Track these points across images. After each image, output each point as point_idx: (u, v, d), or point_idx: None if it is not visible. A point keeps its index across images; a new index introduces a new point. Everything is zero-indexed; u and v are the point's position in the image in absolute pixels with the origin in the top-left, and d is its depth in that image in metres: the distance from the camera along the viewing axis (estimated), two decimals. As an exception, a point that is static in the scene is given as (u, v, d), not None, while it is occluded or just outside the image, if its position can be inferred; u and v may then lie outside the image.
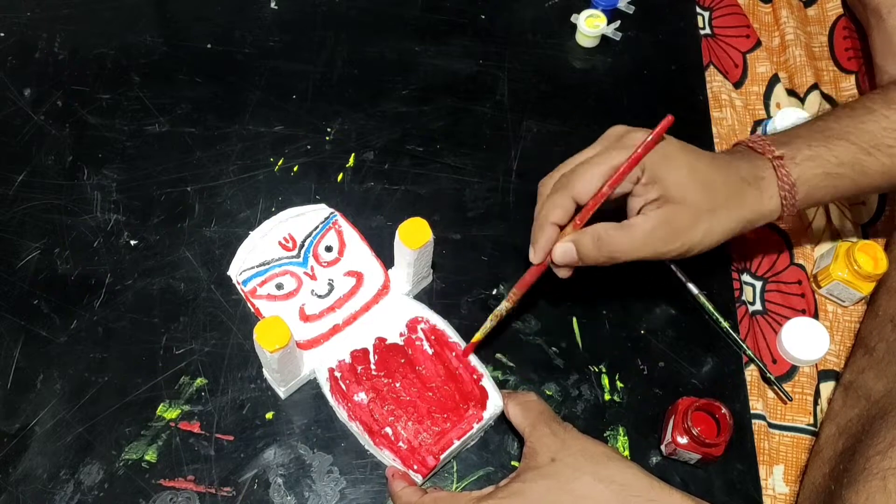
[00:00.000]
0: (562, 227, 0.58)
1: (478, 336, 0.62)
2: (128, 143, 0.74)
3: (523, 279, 0.60)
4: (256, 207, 0.71)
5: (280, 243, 0.67)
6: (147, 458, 0.60)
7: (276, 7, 0.83)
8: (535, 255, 0.59)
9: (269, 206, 0.71)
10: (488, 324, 0.62)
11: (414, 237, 0.60)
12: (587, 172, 0.56)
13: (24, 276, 0.67)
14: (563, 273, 0.59)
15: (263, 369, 0.62)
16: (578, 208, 0.57)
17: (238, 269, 0.66)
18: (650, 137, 0.54)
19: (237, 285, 0.66)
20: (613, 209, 0.58)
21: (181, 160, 0.73)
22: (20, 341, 0.64)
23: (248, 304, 0.65)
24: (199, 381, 0.63)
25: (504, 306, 0.61)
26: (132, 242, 0.69)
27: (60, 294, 0.66)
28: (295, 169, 0.73)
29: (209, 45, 0.80)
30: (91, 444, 0.60)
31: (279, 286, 0.65)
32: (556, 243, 0.58)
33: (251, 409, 0.62)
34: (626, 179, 0.55)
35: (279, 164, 0.73)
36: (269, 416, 0.62)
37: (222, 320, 0.65)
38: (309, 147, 0.74)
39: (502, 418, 0.61)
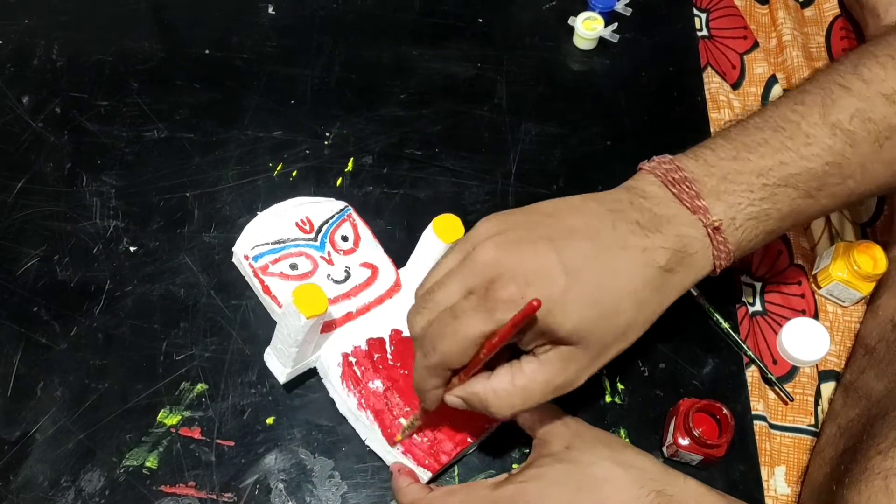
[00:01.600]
0: (443, 387, 0.52)
1: (398, 438, 0.58)
2: (126, 150, 0.74)
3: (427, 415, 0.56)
4: (255, 213, 0.70)
5: (298, 224, 0.66)
6: (148, 464, 0.60)
7: (273, 12, 0.83)
8: (428, 407, 0.54)
9: (268, 211, 0.71)
10: (409, 431, 0.58)
11: (448, 231, 0.60)
12: (455, 345, 0.48)
13: (23, 283, 0.67)
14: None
15: (270, 348, 0.61)
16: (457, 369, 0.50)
17: (248, 244, 0.65)
18: (511, 320, 0.45)
19: (242, 262, 0.65)
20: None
21: (180, 166, 0.73)
22: (20, 348, 0.64)
23: (255, 281, 0.64)
24: (200, 386, 0.63)
25: (414, 420, 0.58)
26: (132, 248, 0.69)
27: (60, 301, 0.66)
28: (294, 174, 0.73)
29: (207, 51, 0.80)
30: (92, 450, 0.60)
31: (293, 266, 0.64)
32: (445, 395, 0.52)
33: (252, 414, 0.62)
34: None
35: (278, 169, 0.73)
36: (269, 421, 0.62)
37: (222, 326, 0.65)
38: (308, 152, 0.74)
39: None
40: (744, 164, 0.50)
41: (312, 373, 0.63)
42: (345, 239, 0.66)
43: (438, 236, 0.60)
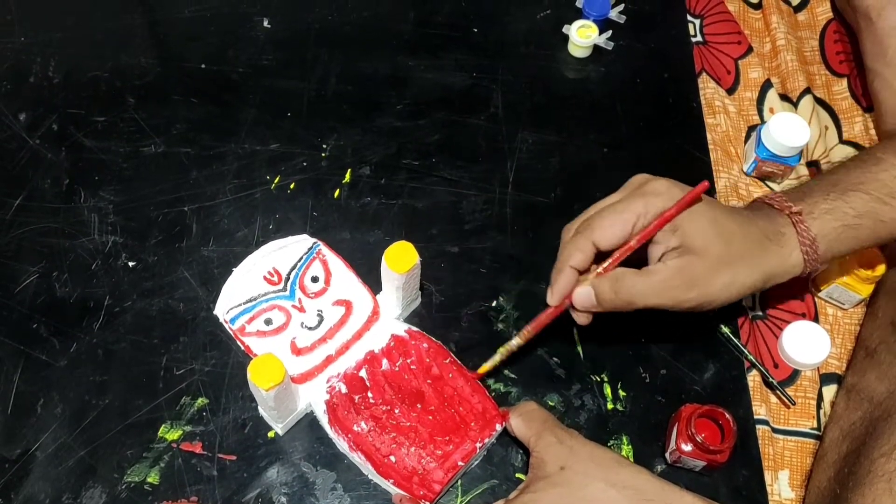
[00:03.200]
0: (581, 272, 0.57)
1: (484, 367, 0.62)
2: (124, 165, 0.74)
3: (538, 319, 0.59)
4: (254, 226, 0.71)
5: (265, 278, 0.66)
6: (149, 479, 0.60)
7: (269, 26, 0.83)
8: (552, 297, 0.58)
9: (266, 223, 0.71)
10: (497, 357, 0.61)
11: (400, 261, 0.59)
12: (608, 218, 0.56)
13: (22, 300, 0.67)
14: (581, 319, 0.59)
15: (259, 407, 0.62)
16: (599, 254, 0.57)
17: (225, 307, 0.65)
18: (685, 199, 0.55)
19: (225, 324, 0.65)
20: (635, 257, 0.58)
21: (178, 180, 0.73)
22: (20, 366, 0.64)
23: (238, 343, 0.64)
24: (201, 401, 0.63)
25: (515, 342, 0.61)
26: (130, 264, 0.69)
27: (59, 317, 0.66)
28: (292, 186, 0.73)
29: (203, 65, 0.80)
30: (93, 467, 0.60)
31: (268, 321, 0.64)
32: (576, 287, 0.57)
33: (253, 427, 0.62)
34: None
35: (276, 181, 0.73)
36: (271, 434, 0.62)
37: (222, 339, 0.65)
38: (305, 164, 0.74)
39: (505, 430, 0.61)
40: (821, 181, 0.62)
41: (313, 385, 0.63)
42: (315, 280, 0.66)
43: (391, 267, 0.60)
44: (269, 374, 0.54)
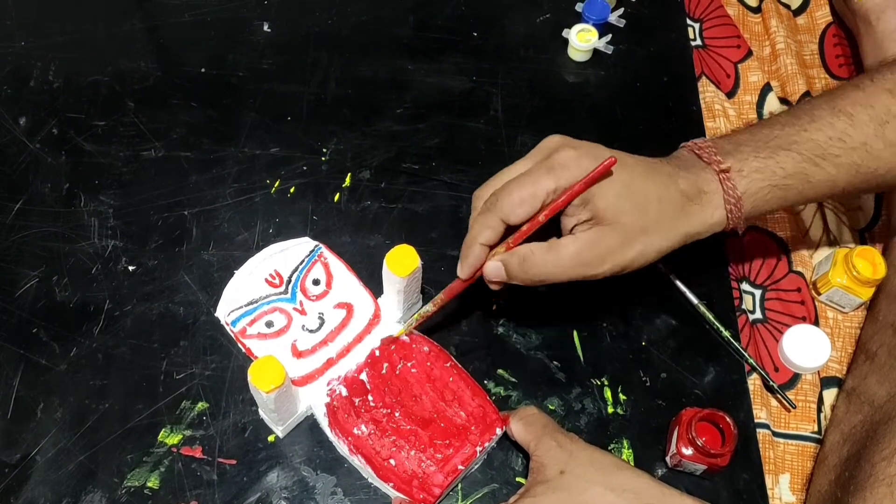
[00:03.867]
0: (492, 247, 0.57)
1: (400, 332, 0.63)
2: (124, 169, 0.74)
3: (451, 287, 0.60)
4: (254, 230, 0.71)
5: (267, 280, 0.67)
6: (149, 484, 0.60)
7: (268, 30, 0.83)
8: (462, 271, 0.58)
9: (266, 227, 0.71)
10: (414, 321, 0.62)
11: (402, 264, 0.59)
12: (515, 194, 0.55)
13: (22, 304, 0.66)
14: (494, 287, 0.59)
15: (259, 410, 0.62)
16: (509, 228, 0.57)
17: (226, 310, 0.65)
18: (590, 175, 0.54)
19: (226, 326, 0.65)
20: (551, 226, 0.58)
21: (177, 184, 0.73)
22: (20, 370, 0.64)
23: (239, 345, 0.65)
24: (201, 405, 0.63)
25: (429, 308, 0.61)
26: (130, 268, 0.69)
27: (59, 322, 0.66)
28: (291, 190, 0.73)
29: (203, 70, 0.80)
30: (93, 472, 0.60)
31: (269, 324, 0.64)
32: (487, 261, 0.58)
33: (253, 431, 0.62)
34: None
35: (276, 185, 0.73)
36: (271, 438, 0.62)
37: (222, 343, 0.65)
38: (305, 168, 0.74)
39: (506, 435, 0.61)
40: (755, 135, 0.60)
41: (313, 389, 0.63)
42: (316, 283, 0.66)
43: (392, 271, 0.60)
44: (270, 376, 0.54)
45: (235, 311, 0.65)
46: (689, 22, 0.87)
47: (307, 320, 0.64)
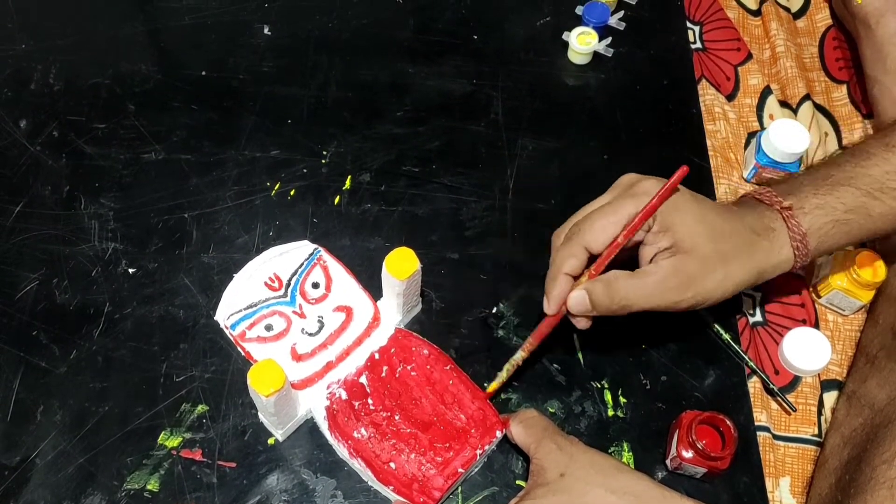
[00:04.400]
0: (576, 278, 0.57)
1: (493, 386, 0.62)
2: (124, 172, 0.74)
3: (539, 330, 0.59)
4: (254, 232, 0.71)
5: (266, 284, 0.66)
6: (149, 487, 0.60)
7: (269, 33, 0.83)
8: (549, 306, 0.58)
9: (266, 230, 0.71)
10: (504, 374, 0.61)
11: (401, 267, 0.59)
12: (598, 221, 0.56)
13: (22, 306, 0.66)
14: (581, 324, 0.58)
15: (259, 413, 0.62)
16: (592, 258, 0.57)
17: (225, 313, 0.65)
18: (665, 187, 0.55)
19: (225, 330, 0.65)
20: (627, 258, 0.58)
21: (178, 187, 0.73)
22: (20, 372, 0.64)
23: (239, 350, 0.64)
24: (201, 407, 0.63)
25: (520, 356, 0.61)
26: (130, 270, 0.69)
27: (59, 324, 0.66)
28: (292, 193, 0.73)
29: (203, 73, 0.80)
30: (93, 474, 0.60)
31: (268, 327, 0.64)
32: (570, 292, 0.57)
33: (253, 434, 0.62)
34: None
35: (276, 188, 0.73)
36: (271, 441, 0.62)
37: (222, 346, 0.65)
38: (305, 171, 0.75)
39: (506, 437, 0.61)
40: (812, 175, 0.61)
41: (313, 392, 0.63)
42: (315, 286, 0.66)
43: (391, 274, 0.60)
44: (270, 379, 0.54)
45: (235, 315, 0.65)
46: (689, 25, 0.87)
47: (306, 324, 0.64)
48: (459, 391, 0.61)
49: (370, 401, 0.61)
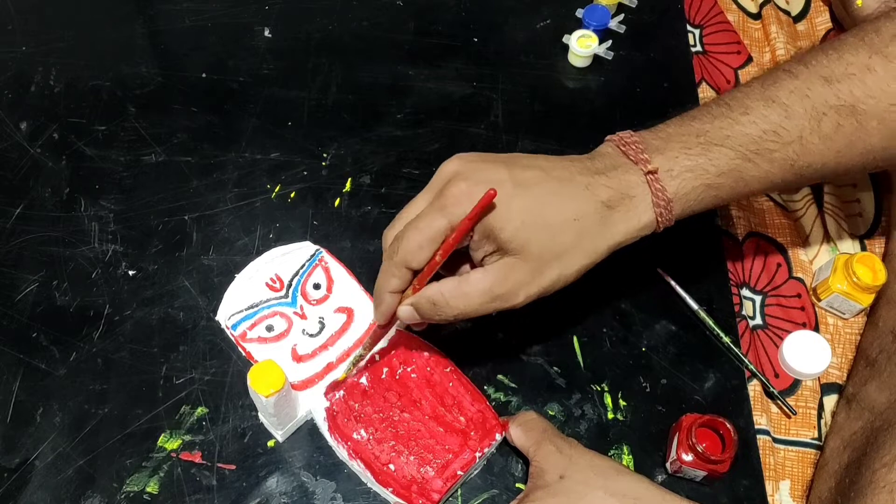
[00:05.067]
0: (404, 290, 0.55)
1: (342, 377, 0.61)
2: (124, 174, 0.74)
3: (375, 334, 0.59)
4: (254, 234, 0.71)
5: (267, 284, 0.66)
6: (149, 489, 0.59)
7: (269, 35, 0.83)
8: (378, 318, 0.57)
9: (266, 232, 0.71)
10: (353, 368, 0.61)
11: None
12: (413, 241, 0.53)
13: (22, 308, 0.66)
14: (417, 328, 0.58)
15: (259, 414, 0.62)
16: (415, 271, 0.54)
17: (226, 314, 0.65)
18: (471, 212, 0.50)
19: (226, 330, 0.65)
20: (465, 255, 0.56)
21: (178, 189, 0.73)
22: (19, 374, 0.64)
23: (239, 350, 0.64)
24: (200, 410, 0.63)
25: (362, 352, 0.61)
26: (130, 272, 0.69)
27: (59, 326, 0.66)
28: (292, 195, 0.73)
29: (204, 75, 0.80)
30: (92, 477, 0.60)
31: (269, 328, 0.64)
32: (399, 306, 0.56)
33: (252, 437, 0.62)
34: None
35: (276, 190, 0.73)
36: (270, 443, 0.62)
37: (222, 348, 0.65)
38: (305, 173, 0.75)
39: (505, 440, 0.61)
40: (685, 128, 0.55)
41: (313, 394, 0.63)
42: (317, 287, 0.66)
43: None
44: (270, 380, 0.54)
45: (236, 315, 0.65)
46: (689, 28, 0.87)
47: (307, 324, 0.64)
48: (459, 393, 0.61)
49: (370, 402, 0.61)
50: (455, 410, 0.61)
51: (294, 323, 0.65)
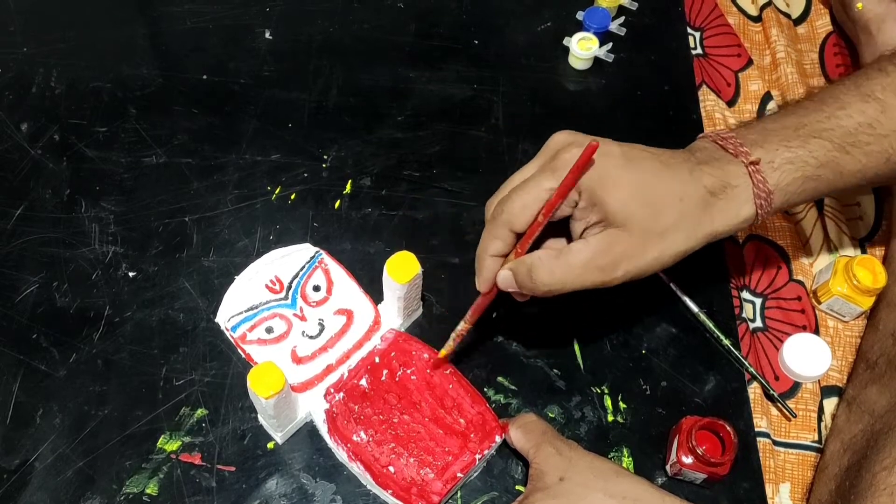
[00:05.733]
0: (505, 256, 0.55)
1: (443, 353, 0.61)
2: (125, 175, 0.74)
3: (477, 304, 0.58)
4: (255, 236, 0.71)
5: (267, 286, 0.66)
6: (148, 491, 0.59)
7: (270, 37, 0.83)
8: (480, 285, 0.56)
9: (266, 234, 0.71)
10: (452, 343, 0.61)
11: (402, 271, 0.59)
12: (518, 200, 0.52)
13: (22, 310, 0.66)
14: (520, 297, 0.57)
15: (259, 416, 0.62)
16: (519, 235, 0.53)
17: (226, 315, 0.65)
18: (575, 165, 0.50)
19: (226, 332, 0.65)
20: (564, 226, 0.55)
21: (178, 191, 0.73)
22: (19, 376, 0.64)
23: (239, 353, 0.64)
24: (200, 411, 0.63)
25: (462, 326, 0.60)
26: (130, 274, 0.69)
27: (59, 327, 0.66)
28: (292, 197, 0.73)
29: (205, 76, 0.80)
30: (92, 478, 0.60)
31: (269, 329, 0.64)
32: (500, 271, 0.55)
33: (252, 438, 0.62)
34: (563, 204, 0.51)
35: (276, 192, 0.73)
36: (270, 445, 0.62)
37: (222, 350, 0.65)
38: (306, 175, 0.75)
39: (505, 442, 0.61)
40: (782, 122, 0.56)
41: (313, 396, 0.63)
42: (317, 289, 0.66)
43: (392, 277, 0.59)
44: (269, 382, 0.54)
45: (235, 317, 0.65)
46: (689, 31, 0.87)
47: (307, 326, 0.64)
48: (459, 395, 0.61)
49: (369, 404, 0.61)
50: (455, 412, 0.61)
51: (294, 325, 0.65)
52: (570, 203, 0.52)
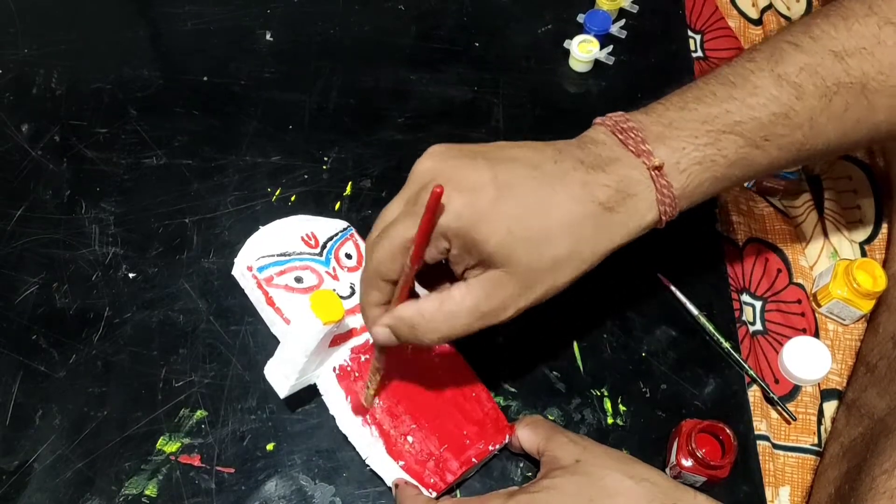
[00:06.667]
0: (388, 303, 0.50)
1: (369, 397, 0.58)
2: (125, 177, 0.74)
3: (377, 355, 0.55)
4: (254, 237, 0.71)
5: (303, 238, 0.66)
6: (147, 492, 0.59)
7: (271, 38, 0.83)
8: (367, 325, 0.52)
9: (267, 235, 0.71)
10: (372, 390, 0.58)
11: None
12: (385, 251, 0.48)
13: (22, 311, 0.66)
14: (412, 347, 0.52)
15: (269, 364, 0.59)
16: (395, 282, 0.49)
17: (252, 256, 0.64)
18: (423, 217, 0.45)
19: (245, 273, 0.64)
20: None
21: (179, 192, 0.73)
22: (18, 377, 0.64)
23: (259, 292, 0.63)
24: (200, 413, 0.63)
25: (377, 368, 0.57)
26: (130, 275, 0.69)
27: (59, 328, 0.66)
28: (293, 198, 0.73)
29: (205, 78, 0.80)
30: (91, 479, 0.60)
31: (299, 279, 0.63)
32: (374, 328, 0.50)
33: (252, 440, 0.62)
34: (434, 250, 0.46)
35: (277, 194, 0.73)
36: (269, 447, 0.62)
37: (221, 351, 0.65)
38: (306, 176, 0.75)
39: (505, 447, 0.61)
40: (690, 113, 0.50)
41: (312, 396, 0.63)
42: (349, 256, 0.66)
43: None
44: (330, 308, 0.51)
45: (265, 258, 0.64)
46: (690, 34, 0.87)
47: (339, 286, 0.64)
48: (477, 389, 0.61)
49: (391, 373, 0.59)
50: (473, 402, 0.60)
51: (325, 281, 0.63)
52: (441, 250, 0.47)
